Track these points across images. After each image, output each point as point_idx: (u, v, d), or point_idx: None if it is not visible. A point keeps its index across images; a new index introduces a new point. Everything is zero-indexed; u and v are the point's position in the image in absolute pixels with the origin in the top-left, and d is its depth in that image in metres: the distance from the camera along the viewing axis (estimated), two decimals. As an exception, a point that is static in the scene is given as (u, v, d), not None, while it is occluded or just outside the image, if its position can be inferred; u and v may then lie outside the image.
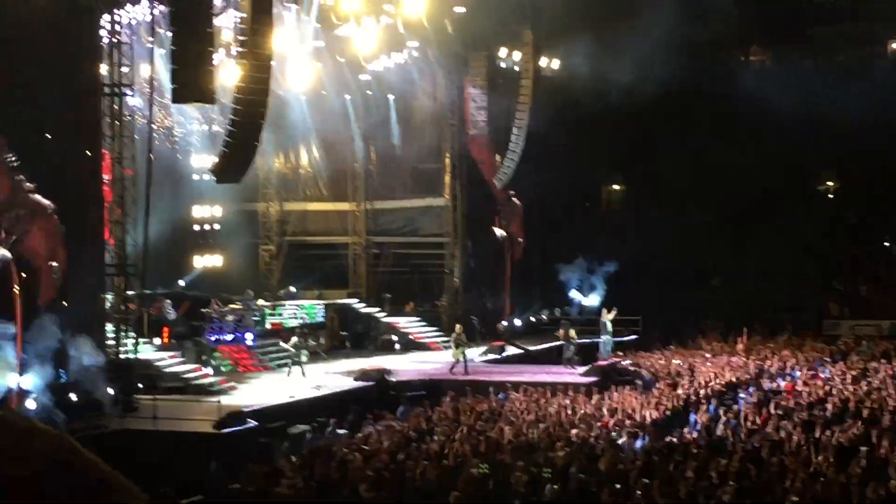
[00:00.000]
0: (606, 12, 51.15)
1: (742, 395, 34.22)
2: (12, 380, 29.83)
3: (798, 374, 38.12)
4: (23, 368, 29.91)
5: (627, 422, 29.19)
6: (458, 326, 42.87)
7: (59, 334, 30.98)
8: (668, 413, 31.19)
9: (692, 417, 30.34)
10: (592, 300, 50.96)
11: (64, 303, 31.42)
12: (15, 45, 31.08)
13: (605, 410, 31.21)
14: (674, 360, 42.65)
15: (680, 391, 34.13)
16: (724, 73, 60.61)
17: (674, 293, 56.07)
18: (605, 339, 44.97)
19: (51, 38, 32.35)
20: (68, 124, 32.87)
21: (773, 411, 30.10)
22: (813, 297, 58.39)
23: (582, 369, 40.94)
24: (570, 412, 30.87)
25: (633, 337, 50.59)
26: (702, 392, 34.22)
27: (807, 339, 48.55)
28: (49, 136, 31.94)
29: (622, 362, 42.28)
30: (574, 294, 52.04)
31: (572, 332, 44.11)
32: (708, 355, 44.25)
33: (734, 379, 37.23)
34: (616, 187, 66.58)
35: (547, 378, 38.91)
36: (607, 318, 45.13)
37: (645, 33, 49.47)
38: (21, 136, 30.94)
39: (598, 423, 29.09)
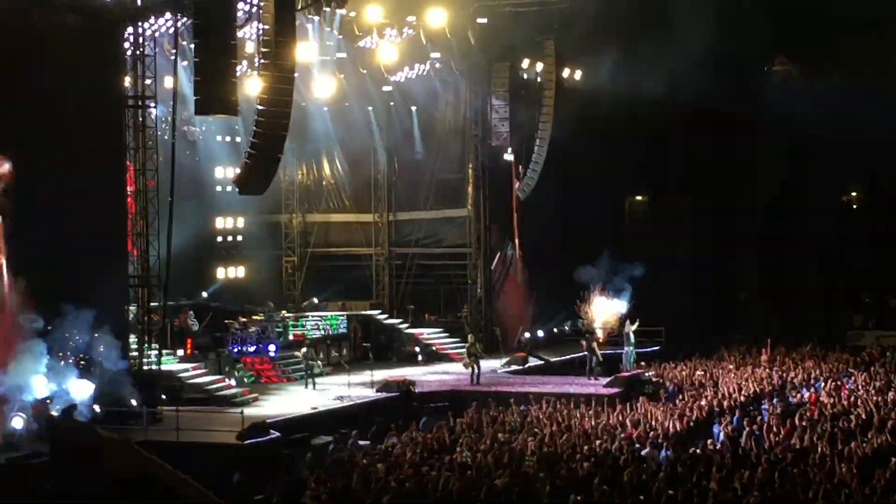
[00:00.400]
0: (630, 23, 51.11)
1: (766, 406, 34.13)
2: (39, 384, 30.00)
3: (822, 385, 37.97)
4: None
5: (651, 433, 29.14)
6: (470, 336, 43.06)
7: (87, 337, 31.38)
8: (691, 424, 31.13)
9: (716, 429, 30.27)
10: (618, 306, 50.56)
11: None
12: (40, 57, 31.23)
13: (628, 422, 31.15)
14: (697, 372, 42.55)
15: (703, 402, 34.05)
16: (748, 83, 60.40)
17: (698, 305, 55.89)
18: (629, 351, 44.88)
19: (75, 50, 32.54)
20: (92, 136, 33.01)
21: (797, 423, 29.99)
22: (838, 308, 58.18)
23: (605, 380, 40.84)
24: (593, 423, 30.83)
25: (657, 348, 50.42)
26: (725, 403, 34.14)
27: (831, 351, 48.30)
28: (72, 152, 32.05)
29: (645, 373, 42.19)
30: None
31: (595, 344, 44.02)
32: (731, 366, 44.11)
33: (758, 390, 37.14)
34: (639, 198, 66.44)
35: (570, 389, 38.85)
36: (630, 329, 45.04)
37: (668, 44, 49.37)
38: (46, 148, 31.12)
39: (622, 435, 29.04)
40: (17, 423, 29.22)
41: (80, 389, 31.10)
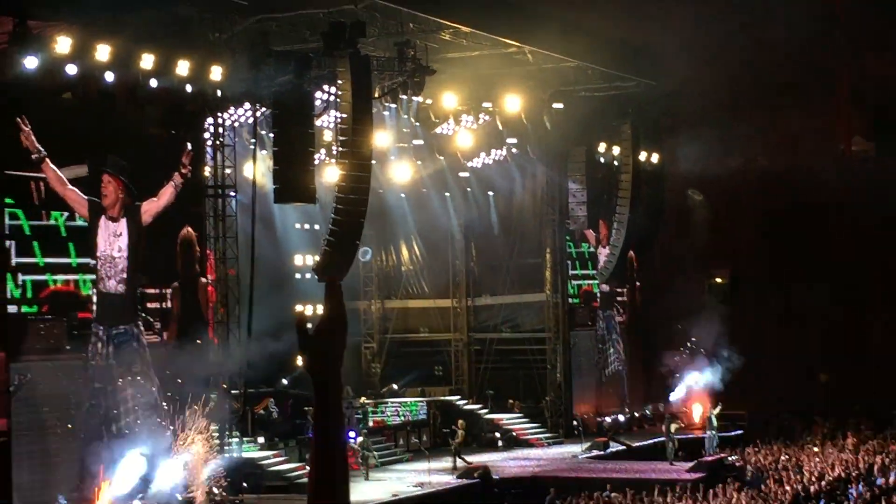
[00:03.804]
0: (705, 104, 51.14)
1: (852, 490, 33.61)
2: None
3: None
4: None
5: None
6: (460, 422, 43.30)
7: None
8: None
9: (802, 514, 29.89)
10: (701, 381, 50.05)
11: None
12: (126, 150, 31.73)
13: (712, 507, 30.82)
14: (781, 456, 42.01)
15: (788, 487, 33.61)
16: (825, 163, 60.09)
17: (780, 388, 55.30)
18: (711, 434, 44.45)
19: (158, 141, 33.05)
20: (174, 225, 33.49)
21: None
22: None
23: (687, 465, 40.43)
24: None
25: (739, 432, 49.85)
26: (811, 488, 33.67)
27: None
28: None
29: (728, 458, 41.71)
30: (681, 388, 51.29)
31: (674, 427, 43.65)
32: (816, 450, 43.52)
33: (843, 474, 36.59)
34: (719, 280, 66.04)
35: (652, 475, 38.48)
36: (713, 413, 44.64)
37: (743, 125, 49.32)
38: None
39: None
40: None
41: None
